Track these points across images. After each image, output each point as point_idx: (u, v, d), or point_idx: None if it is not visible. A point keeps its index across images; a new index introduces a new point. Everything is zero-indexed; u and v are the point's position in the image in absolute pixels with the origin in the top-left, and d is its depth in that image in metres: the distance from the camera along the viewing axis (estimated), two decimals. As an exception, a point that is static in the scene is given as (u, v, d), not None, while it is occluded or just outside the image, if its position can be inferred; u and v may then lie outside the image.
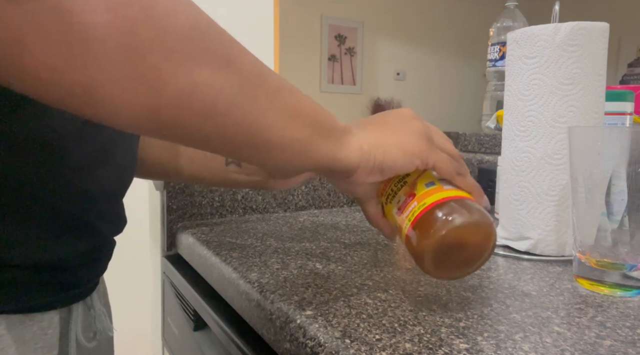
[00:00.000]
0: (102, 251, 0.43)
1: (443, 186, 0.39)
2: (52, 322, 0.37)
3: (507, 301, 0.43)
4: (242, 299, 0.49)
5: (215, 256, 0.60)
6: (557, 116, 0.55)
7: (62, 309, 0.39)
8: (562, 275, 0.51)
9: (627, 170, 0.43)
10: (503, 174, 0.61)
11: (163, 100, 0.25)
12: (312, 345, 0.36)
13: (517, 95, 0.58)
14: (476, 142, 1.20)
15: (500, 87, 1.23)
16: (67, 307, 0.40)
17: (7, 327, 0.34)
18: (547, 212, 0.56)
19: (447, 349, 0.33)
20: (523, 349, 0.34)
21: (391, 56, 3.63)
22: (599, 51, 0.54)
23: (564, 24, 0.54)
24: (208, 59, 0.26)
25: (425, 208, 0.38)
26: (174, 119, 0.26)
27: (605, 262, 0.45)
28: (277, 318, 0.42)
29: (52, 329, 0.37)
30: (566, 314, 0.40)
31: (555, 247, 0.57)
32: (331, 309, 0.41)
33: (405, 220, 0.39)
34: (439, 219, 0.37)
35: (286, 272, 0.51)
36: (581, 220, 0.47)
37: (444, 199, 0.38)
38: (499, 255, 0.59)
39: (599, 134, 0.46)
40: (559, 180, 0.55)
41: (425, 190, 0.39)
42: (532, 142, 0.57)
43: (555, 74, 0.54)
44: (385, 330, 0.36)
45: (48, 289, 0.37)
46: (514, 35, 0.58)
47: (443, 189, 0.39)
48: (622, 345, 0.35)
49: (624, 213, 0.44)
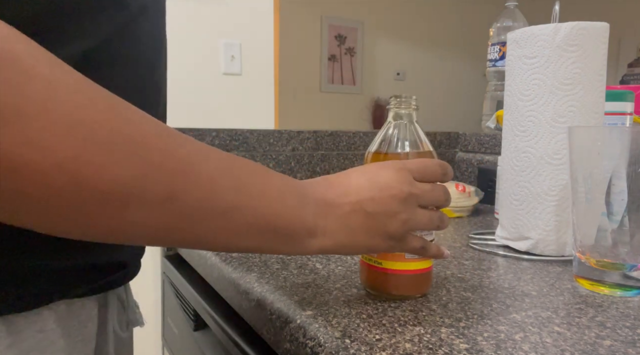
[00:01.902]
0: None
1: (405, 255, 0.41)
2: (91, 315, 0.38)
3: (507, 301, 0.43)
4: (242, 299, 0.49)
5: (215, 256, 0.60)
6: (557, 116, 0.55)
7: (100, 300, 0.40)
8: (562, 275, 0.51)
9: (627, 170, 0.43)
10: (503, 174, 0.61)
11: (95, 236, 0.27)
12: (312, 345, 0.36)
13: (517, 95, 0.58)
14: (476, 142, 1.20)
15: (500, 87, 1.23)
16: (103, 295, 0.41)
17: (55, 321, 0.35)
18: (547, 212, 0.56)
19: (447, 349, 0.33)
20: (523, 349, 0.34)
21: (391, 56, 3.63)
22: (599, 51, 0.54)
23: (564, 24, 0.54)
24: (143, 201, 0.26)
25: (379, 268, 0.42)
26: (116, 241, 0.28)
27: (605, 262, 0.45)
28: (277, 318, 0.42)
29: (90, 322, 0.38)
30: (566, 314, 0.40)
31: (555, 247, 0.57)
32: (331, 309, 0.41)
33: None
34: (382, 283, 0.43)
35: (286, 272, 0.51)
36: (581, 220, 0.47)
37: (395, 271, 0.42)
38: (499, 255, 0.59)
39: (599, 134, 0.46)
40: (559, 180, 0.55)
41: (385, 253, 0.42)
42: (532, 142, 0.57)
43: (555, 74, 0.54)
44: (385, 330, 0.36)
45: (87, 274, 0.37)
46: (514, 35, 0.58)
47: (403, 258, 0.42)
48: (622, 345, 0.35)
49: (624, 213, 0.44)
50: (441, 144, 1.26)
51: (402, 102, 0.43)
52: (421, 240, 0.40)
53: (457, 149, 1.28)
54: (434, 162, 0.40)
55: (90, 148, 0.24)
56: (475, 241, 0.66)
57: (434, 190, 0.39)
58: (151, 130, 0.27)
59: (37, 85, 0.23)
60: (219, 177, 0.30)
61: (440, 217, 0.40)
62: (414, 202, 0.38)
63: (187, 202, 0.28)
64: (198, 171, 0.28)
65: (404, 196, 0.37)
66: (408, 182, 0.37)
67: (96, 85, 0.26)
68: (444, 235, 0.71)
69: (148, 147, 0.26)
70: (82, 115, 0.24)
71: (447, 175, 0.40)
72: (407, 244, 0.39)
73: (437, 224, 0.40)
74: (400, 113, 0.43)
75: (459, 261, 0.56)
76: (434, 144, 1.24)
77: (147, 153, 0.26)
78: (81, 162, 0.24)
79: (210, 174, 0.29)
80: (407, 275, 0.42)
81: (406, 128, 0.43)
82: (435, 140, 1.25)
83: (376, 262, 0.42)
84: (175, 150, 0.28)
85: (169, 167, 0.27)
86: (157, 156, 0.27)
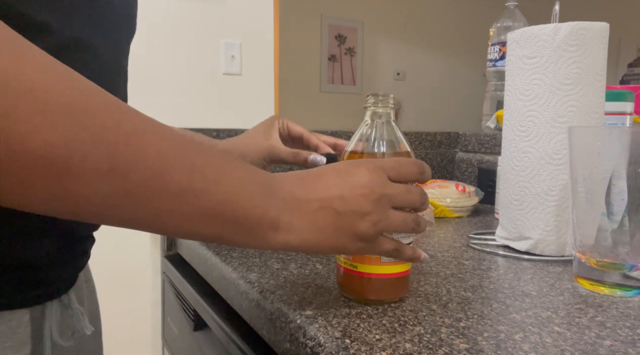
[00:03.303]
0: (75, 249, 0.43)
1: (381, 258, 0.40)
2: (22, 321, 0.37)
3: (507, 301, 0.43)
4: (242, 299, 0.49)
5: (215, 256, 0.60)
6: (557, 116, 0.55)
7: (35, 308, 0.39)
8: (562, 275, 0.51)
9: (627, 170, 0.43)
10: (503, 174, 0.61)
11: (32, 206, 0.26)
12: (312, 345, 0.36)
13: (517, 95, 0.58)
14: (476, 142, 1.20)
15: (500, 87, 1.23)
16: (40, 305, 0.39)
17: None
18: (547, 212, 0.56)
19: (447, 349, 0.33)
20: (523, 349, 0.34)
21: (391, 56, 3.63)
22: (599, 51, 0.54)
23: (564, 24, 0.54)
24: (83, 171, 0.25)
25: (355, 271, 0.41)
26: (60, 215, 0.27)
27: (605, 262, 0.45)
28: (277, 318, 0.42)
29: (22, 327, 0.37)
30: (566, 314, 0.40)
31: (555, 247, 0.57)
32: (331, 309, 0.41)
33: (341, 257, 0.43)
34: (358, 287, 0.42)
35: (286, 272, 0.51)
36: (581, 220, 0.47)
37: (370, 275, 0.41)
38: (499, 255, 0.59)
39: (599, 134, 0.46)
40: (559, 180, 0.55)
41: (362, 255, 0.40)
42: (532, 142, 0.57)
43: (555, 74, 0.54)
44: (385, 330, 0.36)
45: (15, 287, 0.36)
46: (514, 35, 0.58)
47: (379, 261, 0.40)
48: (622, 345, 0.35)
49: (624, 213, 0.44)
50: (441, 144, 1.26)
51: (380, 100, 0.42)
52: (394, 243, 0.38)
53: (457, 149, 1.27)
54: (410, 161, 0.38)
55: (24, 106, 0.23)
56: (475, 241, 0.66)
57: (409, 192, 0.37)
58: (99, 99, 0.26)
59: None
60: (171, 157, 0.28)
61: (416, 219, 0.38)
62: (387, 203, 0.36)
63: (131, 178, 0.26)
64: (145, 147, 0.27)
65: (376, 197, 0.35)
66: (381, 182, 0.36)
67: (48, 55, 0.25)
68: (444, 235, 0.71)
69: (91, 115, 0.25)
70: (18, 70, 0.23)
71: (425, 174, 0.39)
72: (378, 246, 0.37)
73: (412, 226, 0.38)
74: (378, 112, 0.42)
75: (459, 261, 0.56)
76: (433, 144, 1.24)
77: (89, 121, 0.25)
78: (12, 120, 0.22)
79: (160, 152, 0.28)
80: (383, 278, 0.41)
81: (383, 127, 0.42)
82: (435, 140, 1.25)
83: (351, 265, 0.41)
84: (122, 122, 0.26)
85: (113, 138, 0.26)
86: (100, 125, 0.25)
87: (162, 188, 0.28)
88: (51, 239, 0.39)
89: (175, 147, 0.29)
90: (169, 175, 0.28)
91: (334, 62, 3.42)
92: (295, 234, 0.34)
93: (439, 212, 0.84)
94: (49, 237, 0.39)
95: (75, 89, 0.25)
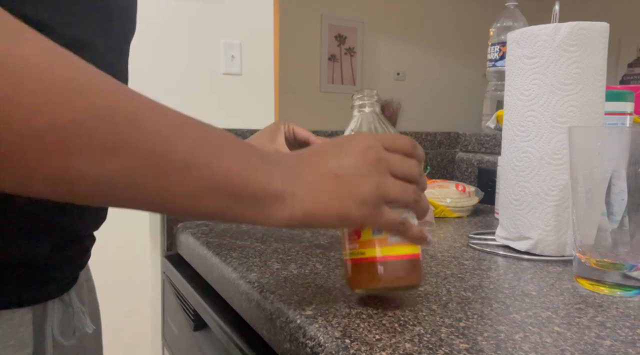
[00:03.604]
0: (75, 249, 0.43)
1: (388, 239, 0.39)
2: (24, 320, 0.37)
3: (507, 301, 0.43)
4: (242, 299, 0.49)
5: (215, 256, 0.60)
6: (557, 116, 0.55)
7: (37, 307, 0.39)
8: (562, 275, 0.51)
9: (627, 170, 0.43)
10: (503, 174, 0.61)
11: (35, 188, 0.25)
12: (312, 345, 0.36)
13: (517, 95, 0.58)
14: (476, 142, 1.20)
15: (500, 87, 1.23)
16: (41, 304, 0.39)
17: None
18: (547, 212, 0.56)
19: (447, 349, 0.33)
20: (523, 349, 0.34)
21: (391, 56, 3.63)
22: (599, 51, 0.54)
23: (564, 24, 0.54)
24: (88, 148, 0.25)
25: (363, 258, 0.39)
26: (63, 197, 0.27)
27: (605, 262, 0.45)
28: (277, 318, 0.42)
29: (23, 326, 0.37)
30: (566, 314, 0.40)
31: (555, 247, 0.57)
32: (331, 309, 0.41)
33: (347, 250, 0.41)
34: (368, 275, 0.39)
35: (286, 272, 0.51)
36: (581, 220, 0.47)
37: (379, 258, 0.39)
38: (499, 255, 0.59)
39: (599, 134, 0.46)
40: (559, 180, 0.55)
41: (369, 238, 0.39)
42: (532, 142, 0.57)
43: (555, 74, 0.54)
44: (385, 330, 0.36)
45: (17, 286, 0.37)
46: (514, 35, 0.58)
47: (386, 242, 0.39)
48: (622, 345, 0.35)
49: (624, 213, 0.44)
50: (441, 144, 1.26)
51: (365, 95, 0.44)
52: (400, 216, 0.37)
53: (457, 149, 1.27)
54: (403, 136, 0.39)
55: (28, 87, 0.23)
56: (475, 241, 0.66)
57: (404, 160, 0.38)
58: (99, 79, 0.26)
59: None
60: (173, 133, 0.28)
61: (416, 191, 0.38)
62: (385, 167, 0.36)
63: (135, 155, 0.27)
64: (148, 124, 0.27)
65: (373, 159, 0.36)
66: (378, 147, 0.37)
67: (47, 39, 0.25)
68: (444, 235, 0.71)
69: (93, 94, 0.25)
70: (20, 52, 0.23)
71: (417, 149, 0.39)
72: (383, 216, 0.36)
73: (413, 197, 0.37)
74: (364, 104, 0.44)
75: (459, 261, 0.56)
76: (433, 144, 1.24)
77: (92, 99, 0.25)
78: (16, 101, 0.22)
79: (163, 129, 0.28)
80: (394, 261, 0.39)
81: (373, 119, 0.44)
82: (435, 140, 1.25)
83: (359, 253, 0.40)
84: (125, 100, 0.27)
85: (115, 114, 0.26)
86: (103, 104, 0.25)
87: (166, 164, 0.28)
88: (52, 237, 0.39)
89: (178, 124, 0.29)
90: (172, 151, 0.28)
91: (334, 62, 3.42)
92: (299, 204, 0.34)
93: (439, 212, 0.84)
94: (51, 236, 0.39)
95: (76, 69, 0.25)
